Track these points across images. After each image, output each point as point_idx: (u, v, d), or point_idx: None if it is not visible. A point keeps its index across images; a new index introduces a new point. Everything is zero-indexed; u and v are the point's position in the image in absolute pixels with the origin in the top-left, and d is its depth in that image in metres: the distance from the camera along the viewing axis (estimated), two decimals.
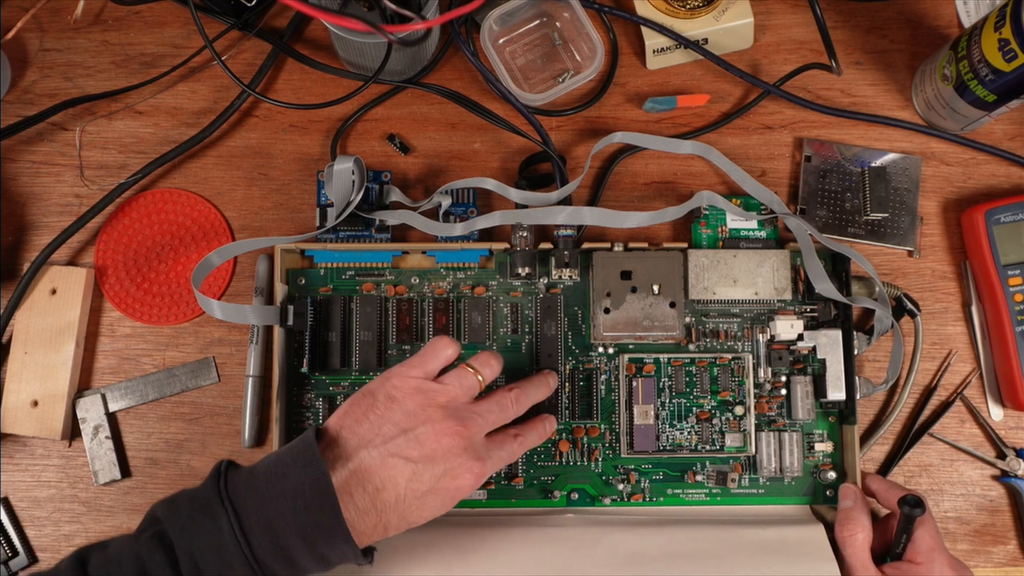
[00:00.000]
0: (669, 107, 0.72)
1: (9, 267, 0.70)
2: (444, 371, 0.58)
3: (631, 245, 0.67)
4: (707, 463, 0.67)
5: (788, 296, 0.67)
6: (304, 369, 0.65)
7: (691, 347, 0.68)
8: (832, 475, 0.66)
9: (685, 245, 0.68)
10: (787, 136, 0.73)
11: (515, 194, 0.67)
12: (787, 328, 0.66)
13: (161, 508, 0.52)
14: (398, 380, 0.56)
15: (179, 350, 0.70)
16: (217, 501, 0.50)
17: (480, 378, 0.58)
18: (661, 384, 0.67)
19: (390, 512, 0.53)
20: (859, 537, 0.61)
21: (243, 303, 0.68)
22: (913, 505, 0.58)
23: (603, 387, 0.68)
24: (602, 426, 0.67)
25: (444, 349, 0.57)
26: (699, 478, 0.67)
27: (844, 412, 0.67)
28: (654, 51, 0.72)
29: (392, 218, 0.67)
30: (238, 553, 0.49)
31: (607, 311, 0.66)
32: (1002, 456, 0.69)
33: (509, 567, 0.60)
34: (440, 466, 0.53)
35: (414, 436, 0.53)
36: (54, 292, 0.68)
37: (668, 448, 0.67)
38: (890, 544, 0.62)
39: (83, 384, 0.69)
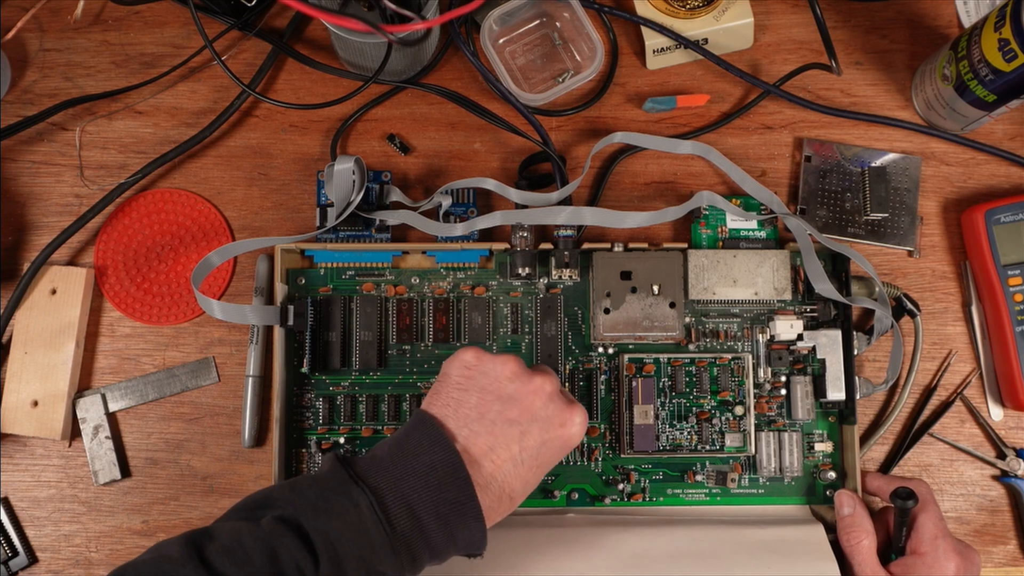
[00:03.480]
0: (669, 107, 0.72)
1: (9, 267, 0.70)
2: None
3: (631, 245, 0.67)
4: (707, 463, 0.67)
5: (788, 296, 0.67)
6: (304, 369, 0.65)
7: (691, 347, 0.68)
8: (832, 475, 0.66)
9: (685, 245, 0.68)
10: (787, 136, 0.73)
11: (515, 194, 0.67)
12: (787, 328, 0.66)
13: (280, 491, 0.50)
14: (462, 353, 0.55)
15: (179, 350, 0.70)
16: (351, 482, 0.49)
17: None
18: (661, 384, 0.67)
19: (513, 479, 0.52)
20: (864, 544, 0.61)
21: (243, 303, 0.68)
22: (905, 498, 0.59)
23: (603, 387, 0.68)
24: (602, 426, 0.67)
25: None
26: (699, 478, 0.67)
27: (844, 412, 0.67)
28: (654, 51, 0.72)
29: (392, 218, 0.67)
30: (379, 531, 0.48)
31: (607, 311, 0.66)
32: (1002, 456, 0.69)
33: (509, 568, 0.60)
34: (543, 420, 0.53)
35: (507, 396, 0.53)
36: (54, 292, 0.68)
37: (668, 448, 0.67)
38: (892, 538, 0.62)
39: (83, 384, 0.69)
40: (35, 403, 0.67)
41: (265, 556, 0.46)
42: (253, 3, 0.71)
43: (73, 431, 0.68)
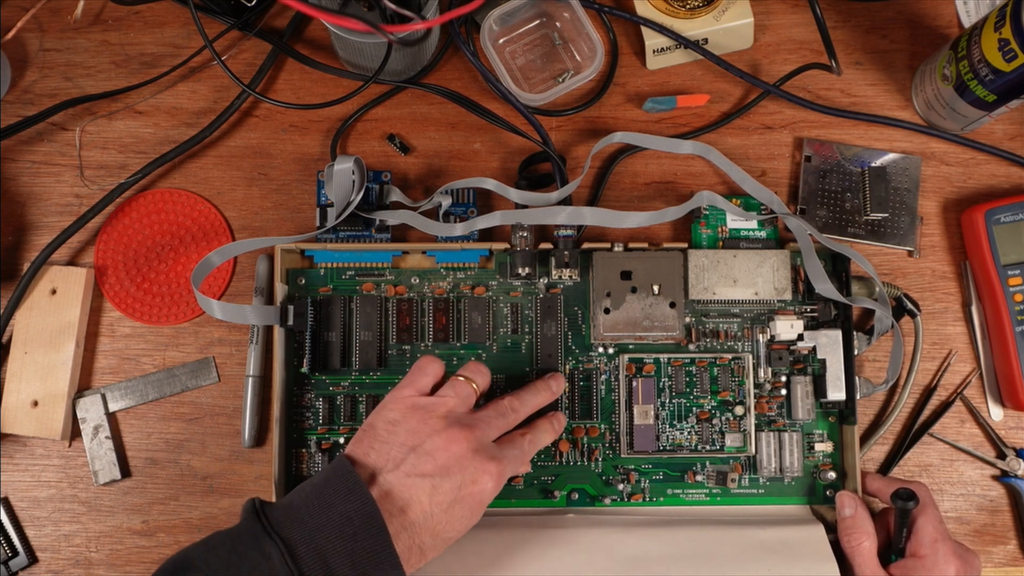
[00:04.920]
0: (669, 107, 0.72)
1: (9, 267, 0.70)
2: (436, 388, 0.59)
3: (631, 245, 0.67)
4: (707, 463, 0.67)
5: (788, 296, 0.67)
6: (304, 369, 0.65)
7: (691, 347, 0.68)
8: (832, 475, 0.66)
9: (685, 245, 0.68)
10: (787, 136, 0.73)
11: (515, 194, 0.67)
12: (787, 328, 0.66)
13: (196, 551, 0.50)
14: (393, 403, 0.56)
15: (179, 350, 0.70)
16: (264, 534, 0.49)
17: (475, 386, 0.58)
18: (661, 384, 0.67)
19: (421, 531, 0.52)
20: (865, 545, 0.61)
21: (243, 303, 0.68)
22: (906, 499, 0.59)
23: (603, 387, 0.68)
24: (602, 426, 0.67)
25: (430, 365, 0.58)
26: (699, 478, 0.67)
27: (844, 412, 0.67)
28: (654, 51, 0.72)
29: (392, 218, 0.67)
30: None
31: (607, 311, 0.66)
32: (1002, 456, 0.69)
33: (509, 568, 0.60)
34: (457, 475, 0.53)
35: (423, 451, 0.53)
36: (54, 292, 0.68)
37: (668, 448, 0.67)
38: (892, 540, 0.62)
39: (83, 384, 0.69)
40: (35, 403, 0.67)
41: None
42: (253, 3, 0.71)
43: (73, 431, 0.68)
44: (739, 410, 0.67)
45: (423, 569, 0.59)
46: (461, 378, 0.58)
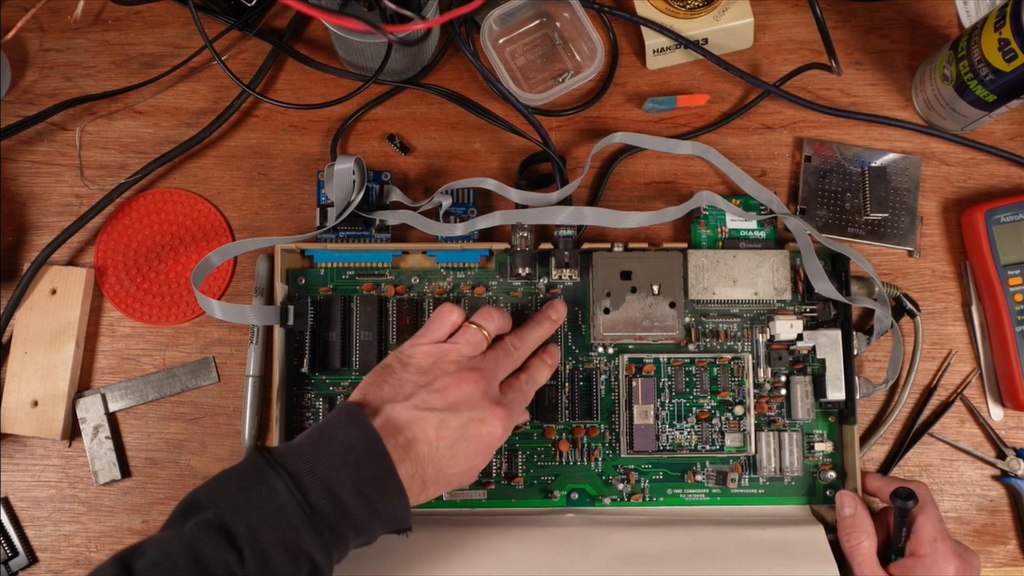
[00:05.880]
0: (669, 107, 0.72)
1: (9, 267, 0.70)
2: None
3: (631, 245, 0.67)
4: (707, 463, 0.67)
5: (788, 296, 0.67)
6: (304, 369, 0.65)
7: (691, 347, 0.68)
8: (832, 475, 0.66)
9: (685, 245, 0.68)
10: (787, 136, 0.73)
11: (515, 194, 0.67)
12: (787, 328, 0.66)
13: (203, 491, 0.50)
14: (409, 348, 0.58)
15: (179, 350, 0.70)
16: (268, 468, 0.49)
17: (485, 332, 0.59)
18: (661, 384, 0.67)
19: (425, 463, 0.53)
20: (865, 545, 0.61)
21: (243, 303, 0.68)
22: (905, 498, 0.59)
23: (603, 387, 0.68)
24: (602, 426, 0.67)
25: (448, 315, 0.60)
26: (699, 478, 0.67)
27: (844, 412, 0.67)
28: (654, 51, 0.72)
29: (392, 218, 0.67)
30: (299, 514, 0.48)
31: (607, 311, 0.66)
32: (1002, 456, 0.69)
33: (509, 567, 0.60)
34: (465, 413, 0.54)
35: (434, 388, 0.55)
36: (54, 292, 0.68)
37: (668, 448, 0.67)
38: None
39: (83, 384, 0.69)
40: (35, 403, 0.67)
41: (191, 562, 0.47)
42: (253, 3, 0.71)
43: (73, 431, 0.68)
44: (739, 410, 0.67)
45: (424, 567, 0.59)
46: (473, 326, 0.59)
